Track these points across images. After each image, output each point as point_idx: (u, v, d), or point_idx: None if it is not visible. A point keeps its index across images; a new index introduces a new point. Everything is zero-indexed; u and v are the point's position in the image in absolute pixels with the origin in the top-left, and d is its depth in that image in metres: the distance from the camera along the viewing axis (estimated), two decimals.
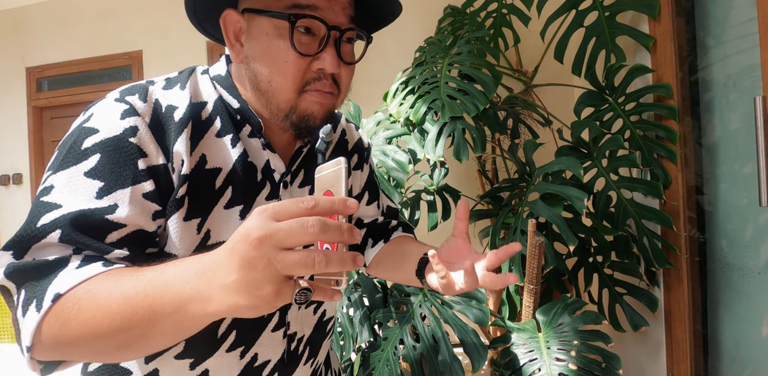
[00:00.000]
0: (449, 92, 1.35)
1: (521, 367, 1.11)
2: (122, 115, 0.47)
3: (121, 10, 2.86)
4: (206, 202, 0.51)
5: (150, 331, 0.36)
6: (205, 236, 0.51)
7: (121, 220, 0.45)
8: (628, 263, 1.33)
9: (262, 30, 0.50)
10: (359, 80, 2.51)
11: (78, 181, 0.45)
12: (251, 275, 0.32)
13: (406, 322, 1.24)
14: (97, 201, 0.44)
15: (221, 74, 0.56)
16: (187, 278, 0.35)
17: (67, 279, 0.39)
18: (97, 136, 0.46)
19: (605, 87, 1.42)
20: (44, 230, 0.42)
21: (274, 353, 0.59)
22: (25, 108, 3.14)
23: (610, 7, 1.38)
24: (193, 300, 0.35)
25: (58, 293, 0.38)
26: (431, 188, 1.46)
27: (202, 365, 0.54)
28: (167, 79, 0.53)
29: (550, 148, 1.58)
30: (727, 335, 1.18)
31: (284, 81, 0.50)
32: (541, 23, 1.55)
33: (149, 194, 0.47)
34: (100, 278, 0.40)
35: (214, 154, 0.52)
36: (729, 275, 1.16)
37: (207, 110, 0.53)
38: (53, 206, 0.43)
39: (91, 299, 0.38)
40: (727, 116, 1.15)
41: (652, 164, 1.29)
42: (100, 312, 0.37)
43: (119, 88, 0.50)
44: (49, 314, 0.38)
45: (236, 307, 0.34)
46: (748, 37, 1.06)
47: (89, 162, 0.45)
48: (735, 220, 1.14)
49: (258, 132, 0.55)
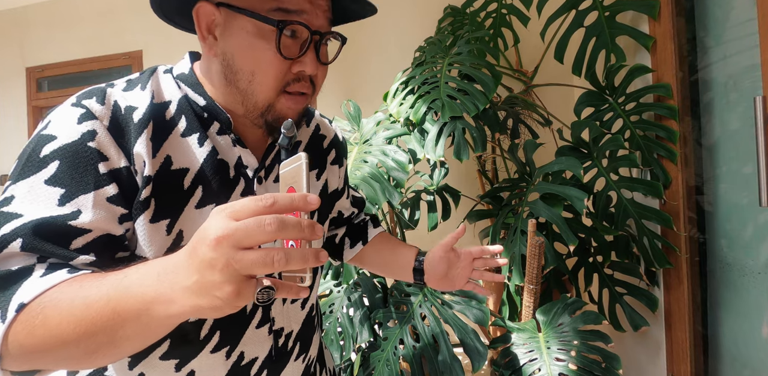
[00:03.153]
0: (449, 92, 1.35)
1: (521, 367, 1.11)
2: (79, 119, 0.46)
3: (121, 10, 2.86)
4: (175, 203, 0.50)
5: (115, 335, 0.36)
6: (177, 237, 0.51)
7: (86, 225, 0.44)
8: (628, 263, 1.33)
9: (242, 27, 0.49)
10: (359, 80, 2.53)
11: (38, 189, 0.44)
12: (210, 276, 0.32)
13: (406, 322, 1.24)
14: (59, 208, 0.44)
15: (185, 72, 0.55)
16: (148, 281, 0.35)
17: (31, 288, 0.39)
18: (55, 143, 0.45)
19: (605, 87, 1.42)
20: (4, 239, 0.41)
21: (260, 350, 0.58)
22: (25, 108, 3.14)
23: (610, 7, 1.38)
24: (156, 302, 0.35)
25: (22, 303, 0.38)
26: (431, 188, 1.46)
27: (188, 366, 0.53)
28: (128, 81, 0.52)
29: (550, 148, 1.58)
30: (727, 335, 1.18)
31: (266, 81, 0.50)
32: (541, 23, 1.55)
33: (113, 197, 0.46)
34: (64, 285, 0.39)
35: (180, 155, 0.51)
36: (729, 275, 1.16)
37: (171, 110, 0.52)
38: (14, 215, 0.43)
39: (54, 306, 0.37)
40: (727, 116, 1.15)
41: (652, 164, 1.29)
42: (64, 319, 0.37)
43: (78, 92, 0.50)
44: (14, 324, 0.38)
45: (198, 308, 0.34)
46: (748, 37, 1.06)
47: (49, 170, 0.45)
48: (735, 220, 1.14)
49: (228, 128, 0.55)
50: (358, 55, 2.31)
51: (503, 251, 1.34)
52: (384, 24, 2.28)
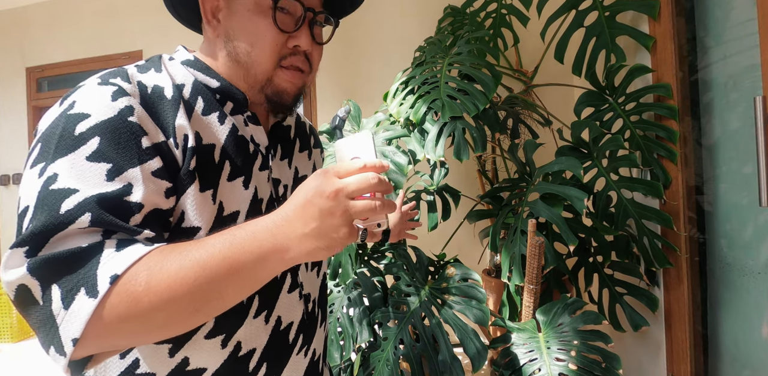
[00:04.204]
0: (449, 92, 1.35)
1: (521, 367, 1.11)
2: (113, 96, 0.46)
3: (121, 10, 2.86)
4: (213, 175, 0.52)
5: (226, 289, 0.41)
6: (220, 207, 0.52)
7: (139, 200, 0.44)
8: (628, 263, 1.33)
9: (243, 6, 0.54)
10: (359, 80, 2.52)
11: (82, 166, 0.42)
12: (330, 221, 0.40)
13: (406, 322, 1.24)
14: (109, 184, 0.42)
15: (190, 59, 0.56)
16: (262, 235, 0.41)
17: (119, 260, 0.39)
18: (90, 120, 0.44)
19: (605, 87, 1.42)
20: (71, 215, 0.40)
21: (294, 314, 0.61)
22: (25, 108, 3.14)
23: (610, 7, 1.38)
24: (273, 252, 0.41)
25: (115, 274, 0.38)
26: (431, 188, 1.46)
27: (234, 339, 0.54)
28: (137, 66, 0.53)
29: (550, 148, 1.58)
30: (727, 335, 1.18)
31: (263, 53, 0.54)
32: (541, 23, 1.56)
33: (157, 171, 0.46)
34: (155, 255, 0.40)
35: (206, 132, 0.52)
36: (729, 275, 1.16)
37: (187, 91, 0.53)
38: (69, 191, 0.41)
39: (159, 272, 0.39)
40: (727, 116, 1.15)
41: (652, 164, 1.29)
42: (175, 282, 0.39)
43: (97, 74, 0.49)
44: (109, 296, 0.38)
45: (315, 250, 0.41)
46: (748, 37, 1.06)
47: (89, 146, 0.43)
48: (735, 220, 1.14)
49: (243, 106, 0.57)
50: (359, 55, 2.31)
51: (503, 251, 1.34)
52: (384, 24, 2.28)
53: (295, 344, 0.61)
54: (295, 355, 0.61)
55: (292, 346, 0.60)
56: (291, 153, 0.66)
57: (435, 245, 1.77)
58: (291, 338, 0.60)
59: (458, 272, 1.26)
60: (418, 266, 1.36)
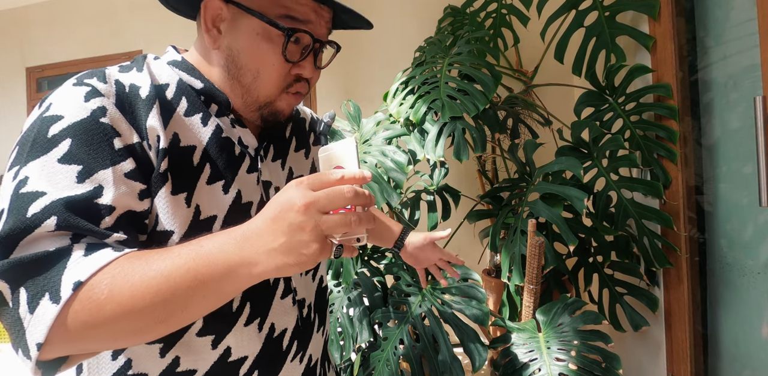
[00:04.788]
0: (449, 92, 1.35)
1: (521, 367, 1.11)
2: (86, 97, 0.45)
3: (121, 10, 2.86)
4: (188, 178, 0.51)
5: (190, 302, 0.39)
6: (196, 210, 0.51)
7: (110, 202, 0.43)
8: (628, 263, 1.33)
9: (251, 28, 0.52)
10: (359, 80, 2.52)
11: (53, 168, 0.42)
12: (299, 236, 0.38)
13: (405, 322, 1.24)
14: (79, 186, 0.42)
15: (177, 60, 0.56)
16: (229, 247, 0.39)
17: (84, 266, 0.38)
18: (63, 122, 0.43)
19: (605, 87, 1.42)
20: (36, 218, 0.39)
21: (288, 321, 0.60)
22: (25, 108, 3.14)
23: (610, 7, 1.38)
24: (240, 266, 0.39)
25: (78, 281, 0.38)
26: (431, 188, 1.46)
27: (224, 342, 0.53)
28: (120, 66, 0.52)
29: (550, 148, 1.58)
30: (727, 335, 1.18)
31: (270, 80, 0.54)
32: (541, 23, 1.55)
33: (130, 173, 0.45)
34: (121, 262, 0.39)
35: (186, 133, 0.51)
36: (729, 275, 1.16)
37: (170, 91, 0.52)
38: (36, 194, 0.40)
39: (122, 281, 0.38)
40: (727, 116, 1.15)
41: (652, 164, 1.29)
42: (138, 291, 0.38)
43: (73, 77, 0.49)
44: (72, 303, 0.37)
45: (284, 266, 0.39)
46: (748, 37, 1.06)
47: (60, 148, 0.42)
48: (735, 220, 1.14)
49: (226, 109, 0.56)
50: (359, 55, 2.31)
51: (503, 251, 1.34)
52: (384, 24, 2.28)
53: (289, 350, 0.60)
54: (290, 362, 0.60)
55: (285, 353, 0.59)
56: (285, 153, 0.65)
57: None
58: (285, 344, 0.59)
59: (458, 272, 1.26)
60: None
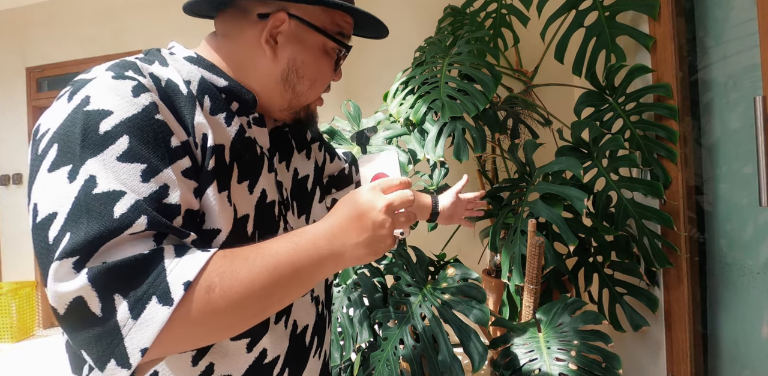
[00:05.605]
0: (449, 92, 1.35)
1: (521, 367, 1.11)
2: (134, 92, 0.42)
3: (121, 10, 2.87)
4: (225, 176, 0.50)
5: (288, 294, 0.44)
6: (234, 209, 0.51)
7: (177, 201, 0.42)
8: (628, 263, 1.33)
9: (317, 43, 0.57)
10: (359, 80, 2.52)
11: (115, 167, 0.39)
12: (380, 232, 0.46)
13: (406, 322, 1.24)
14: (146, 185, 0.40)
15: (192, 56, 0.54)
16: (321, 242, 0.45)
17: (186, 267, 0.38)
18: (114, 117, 0.41)
19: (605, 87, 1.42)
20: (126, 219, 0.37)
21: (308, 317, 0.61)
22: (25, 108, 3.14)
23: (610, 7, 1.38)
24: (329, 258, 0.45)
25: (188, 281, 0.38)
26: (431, 187, 1.46)
27: (259, 345, 0.53)
28: (140, 59, 0.50)
29: (550, 148, 1.58)
30: (727, 335, 1.18)
31: (320, 88, 0.61)
32: (541, 23, 1.56)
33: (187, 171, 0.45)
34: (217, 261, 0.40)
35: (214, 132, 0.50)
36: (729, 275, 1.16)
37: (194, 88, 0.50)
38: (116, 193, 0.38)
39: (230, 278, 0.40)
40: (727, 116, 1.15)
41: (652, 164, 1.29)
42: (247, 288, 0.40)
43: (101, 66, 0.46)
44: (183, 304, 0.37)
45: (364, 256, 0.47)
46: (748, 37, 1.06)
47: (119, 145, 0.40)
48: (735, 220, 1.14)
49: (252, 107, 0.56)
50: (359, 55, 2.31)
51: (503, 251, 1.34)
52: None
53: (311, 346, 0.61)
54: (312, 357, 0.61)
55: (309, 349, 0.61)
56: (290, 155, 0.65)
57: (435, 245, 1.78)
58: (307, 341, 0.61)
59: (458, 272, 1.26)
60: (418, 266, 1.36)
